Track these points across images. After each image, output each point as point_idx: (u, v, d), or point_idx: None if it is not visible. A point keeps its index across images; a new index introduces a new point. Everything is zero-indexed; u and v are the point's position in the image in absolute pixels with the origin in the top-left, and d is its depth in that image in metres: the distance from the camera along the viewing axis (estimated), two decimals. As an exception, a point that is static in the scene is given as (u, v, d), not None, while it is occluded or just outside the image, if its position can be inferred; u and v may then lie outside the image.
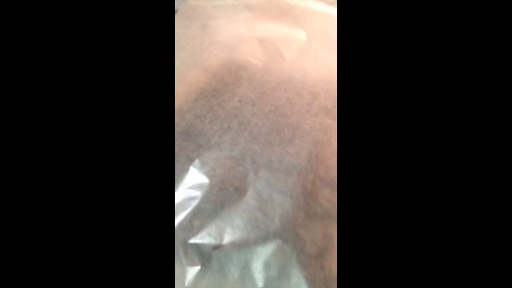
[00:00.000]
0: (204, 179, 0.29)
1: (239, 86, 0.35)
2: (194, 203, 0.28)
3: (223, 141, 0.31)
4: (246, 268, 0.26)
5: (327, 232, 0.27)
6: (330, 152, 0.30)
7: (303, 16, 0.41)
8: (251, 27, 0.39)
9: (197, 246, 0.26)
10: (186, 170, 0.30)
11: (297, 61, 0.37)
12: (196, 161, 0.30)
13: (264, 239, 0.26)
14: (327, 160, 0.30)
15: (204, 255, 0.26)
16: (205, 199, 0.28)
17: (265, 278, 0.25)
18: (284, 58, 0.37)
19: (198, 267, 0.26)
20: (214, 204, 0.28)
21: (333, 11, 0.42)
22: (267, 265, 0.26)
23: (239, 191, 0.28)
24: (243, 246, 0.26)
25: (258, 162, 0.30)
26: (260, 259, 0.26)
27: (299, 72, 0.36)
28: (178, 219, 0.27)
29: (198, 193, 0.28)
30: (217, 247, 0.26)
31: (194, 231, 0.27)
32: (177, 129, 0.32)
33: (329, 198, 0.28)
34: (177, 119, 0.32)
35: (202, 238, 0.27)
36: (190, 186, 0.29)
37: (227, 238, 0.26)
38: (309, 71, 0.36)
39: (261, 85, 0.35)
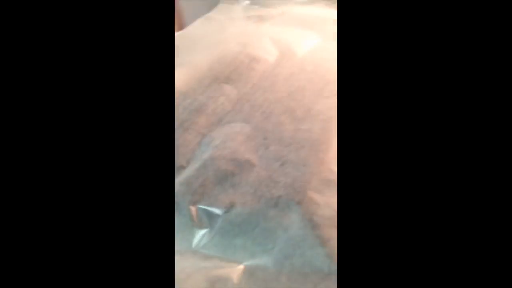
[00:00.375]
0: (214, 152, 0.29)
1: (252, 76, 0.35)
2: (205, 171, 0.27)
3: (235, 120, 0.31)
4: (256, 231, 0.24)
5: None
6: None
7: (316, 22, 0.43)
8: (264, 29, 0.41)
9: (206, 210, 0.26)
10: (198, 143, 0.30)
11: (308, 56, 0.38)
12: (207, 136, 0.30)
13: (275, 202, 0.25)
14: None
15: (213, 217, 0.25)
16: (216, 168, 0.28)
17: (277, 240, 0.24)
18: (295, 54, 0.38)
19: (207, 229, 0.25)
20: (225, 172, 0.27)
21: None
22: (279, 227, 0.24)
23: (250, 162, 0.28)
24: (253, 209, 0.25)
25: (270, 138, 0.30)
26: (272, 221, 0.25)
27: (311, 65, 0.37)
28: (189, 185, 0.27)
29: (209, 163, 0.28)
30: (227, 211, 0.25)
31: (204, 196, 0.26)
32: (190, 107, 0.32)
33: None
34: (189, 100, 0.33)
35: (211, 203, 0.26)
36: (201, 158, 0.29)
37: (237, 203, 0.26)
38: (321, 63, 0.37)
39: (273, 75, 0.36)
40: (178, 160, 0.28)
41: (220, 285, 0.22)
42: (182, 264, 0.23)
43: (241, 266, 0.23)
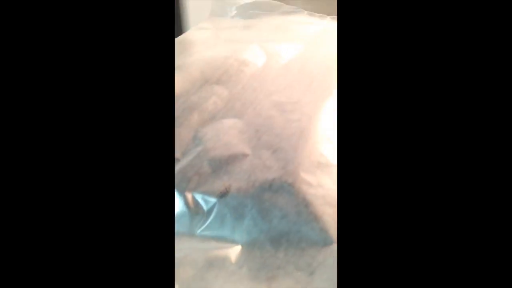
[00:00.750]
0: (208, 144, 0.29)
1: (242, 77, 0.37)
2: (200, 162, 0.28)
3: (227, 116, 0.32)
4: (252, 212, 0.25)
5: (333, 178, 0.26)
6: (332, 114, 0.31)
7: (299, 30, 0.45)
8: (252, 36, 0.43)
9: (202, 196, 0.26)
10: (192, 138, 0.30)
11: (294, 59, 0.40)
12: (201, 131, 0.31)
13: (269, 185, 0.26)
14: (329, 121, 0.30)
15: (209, 203, 0.26)
16: (210, 158, 0.28)
17: (273, 219, 0.24)
18: (282, 57, 0.40)
19: (203, 214, 0.25)
20: (219, 162, 0.28)
21: (328, 24, 0.46)
22: (274, 207, 0.25)
23: (243, 153, 0.29)
24: (248, 193, 0.26)
25: (261, 130, 0.31)
26: (266, 203, 0.25)
27: (297, 67, 0.38)
28: (184, 174, 0.27)
29: (203, 154, 0.29)
30: (222, 196, 0.26)
31: (199, 184, 0.27)
32: (183, 106, 0.33)
33: (331, 151, 0.28)
34: (182, 99, 0.34)
35: (207, 190, 0.26)
36: (195, 150, 0.29)
37: (232, 188, 0.26)
38: (307, 65, 0.38)
39: (262, 76, 0.37)
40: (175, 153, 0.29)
41: (218, 264, 0.23)
42: (180, 246, 0.23)
43: (239, 246, 0.24)
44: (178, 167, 0.28)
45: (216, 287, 0.21)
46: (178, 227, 0.25)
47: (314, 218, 0.24)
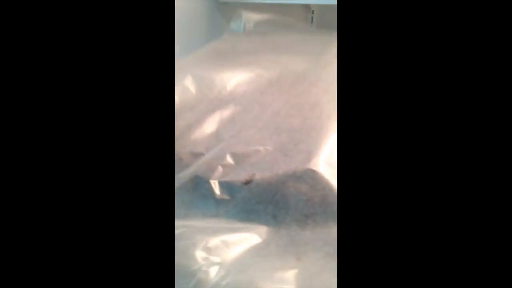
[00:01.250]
0: (230, 140, 0.30)
1: (260, 84, 0.38)
2: (224, 154, 0.29)
3: (247, 118, 0.33)
4: (276, 197, 0.25)
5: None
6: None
7: (314, 43, 0.47)
8: (269, 49, 0.45)
9: (227, 183, 0.27)
10: (214, 134, 0.31)
11: (309, 69, 0.41)
12: (222, 129, 0.32)
13: (293, 172, 0.26)
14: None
15: (234, 189, 0.26)
16: (233, 152, 0.29)
17: (298, 202, 0.25)
18: (296, 68, 0.42)
19: (229, 199, 0.26)
20: (242, 156, 0.29)
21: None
22: (298, 193, 0.25)
23: (265, 148, 0.29)
24: (272, 180, 0.26)
25: (280, 128, 0.32)
26: (291, 188, 0.26)
27: (313, 74, 0.40)
28: (209, 165, 0.28)
29: (226, 148, 0.29)
30: (247, 183, 0.26)
31: (224, 174, 0.27)
32: (205, 108, 0.34)
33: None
34: (203, 104, 0.35)
35: (232, 178, 0.27)
36: (218, 146, 0.30)
37: (256, 176, 0.27)
38: (323, 72, 0.40)
39: (278, 84, 0.39)
40: (196, 148, 0.30)
41: (245, 241, 0.23)
42: (206, 225, 0.24)
43: (265, 227, 0.24)
44: (202, 160, 0.29)
45: (245, 260, 0.21)
46: (205, 211, 0.25)
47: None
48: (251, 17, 0.49)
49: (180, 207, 0.25)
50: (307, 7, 0.63)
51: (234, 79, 0.39)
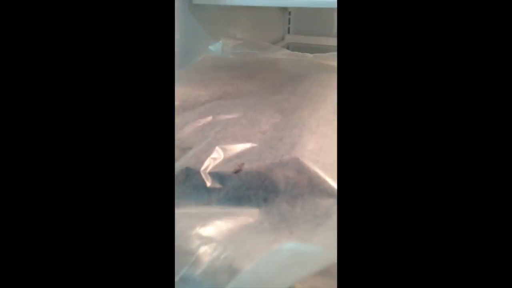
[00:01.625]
0: (217, 135, 0.32)
1: (243, 94, 0.40)
2: (211, 148, 0.30)
3: (231, 113, 0.35)
4: (266, 182, 0.27)
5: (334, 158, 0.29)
6: (327, 109, 0.34)
7: (291, 63, 0.50)
8: (249, 68, 0.48)
9: (217, 173, 0.28)
10: (201, 130, 0.33)
11: (287, 82, 0.44)
12: (208, 124, 0.33)
13: (279, 160, 0.28)
14: (326, 112, 0.34)
15: (224, 178, 0.27)
16: (221, 147, 0.30)
17: (287, 185, 0.26)
18: (277, 81, 0.44)
19: (220, 188, 0.27)
20: (230, 150, 0.30)
21: (313, 58, 0.52)
22: (286, 178, 0.27)
23: (251, 145, 0.31)
24: (260, 167, 0.28)
25: (264, 128, 0.33)
26: (279, 174, 0.27)
27: (291, 85, 0.43)
28: (198, 158, 0.29)
29: (214, 142, 0.31)
30: (236, 172, 0.28)
31: (214, 165, 0.28)
32: (197, 110, 0.36)
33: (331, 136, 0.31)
34: (192, 104, 0.37)
35: (222, 169, 0.28)
36: (206, 140, 0.31)
37: (245, 165, 0.28)
38: (301, 83, 0.43)
39: (260, 94, 0.41)
40: (184, 143, 0.31)
41: (239, 222, 0.24)
42: (201, 212, 0.24)
43: (256, 209, 0.25)
44: (191, 153, 0.30)
45: (241, 237, 0.22)
46: (198, 200, 0.26)
47: (327, 179, 0.26)
48: (229, 42, 0.52)
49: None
50: (284, 9, 0.67)
51: (213, 89, 0.41)
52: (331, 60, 0.48)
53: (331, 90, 0.39)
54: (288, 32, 0.75)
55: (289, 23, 0.72)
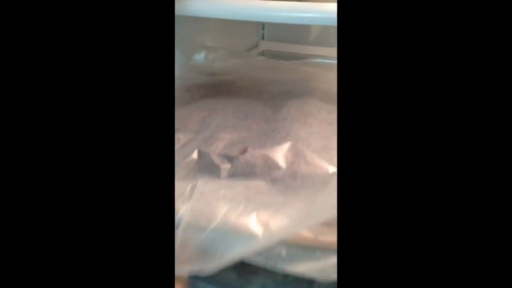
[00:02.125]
0: (218, 126, 0.36)
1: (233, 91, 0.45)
2: (215, 136, 0.34)
3: (227, 109, 0.40)
4: (268, 162, 0.31)
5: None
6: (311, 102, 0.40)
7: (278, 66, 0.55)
8: (239, 69, 0.52)
9: (226, 154, 0.32)
10: (202, 121, 0.37)
11: (274, 81, 0.49)
12: (208, 116, 0.38)
13: (278, 143, 0.33)
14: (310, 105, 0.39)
15: (232, 159, 0.32)
16: (223, 137, 0.35)
17: (287, 163, 0.31)
18: (265, 83, 0.49)
19: (229, 166, 0.31)
20: (231, 139, 0.35)
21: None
22: (285, 157, 0.32)
23: (249, 135, 0.36)
24: (263, 150, 0.32)
25: (257, 121, 0.38)
26: (279, 153, 0.32)
27: (276, 85, 0.48)
28: (206, 142, 0.33)
29: (216, 132, 0.35)
30: (242, 153, 0.32)
31: (220, 148, 0.33)
32: (197, 106, 0.40)
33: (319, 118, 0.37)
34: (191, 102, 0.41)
35: (228, 152, 0.33)
36: (208, 129, 0.36)
37: (249, 148, 0.33)
38: (283, 84, 0.48)
39: (250, 89, 0.46)
40: (188, 132, 0.35)
41: (250, 187, 0.28)
42: (213, 188, 0.29)
43: (263, 182, 0.30)
44: (198, 138, 0.34)
45: (256, 197, 0.27)
46: (210, 176, 0.30)
47: (321, 157, 0.31)
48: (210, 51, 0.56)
49: (190, 173, 0.30)
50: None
51: (205, 89, 0.45)
52: (308, 66, 0.54)
53: (312, 89, 0.45)
54: (263, 38, 0.74)
55: (263, 29, 0.73)
